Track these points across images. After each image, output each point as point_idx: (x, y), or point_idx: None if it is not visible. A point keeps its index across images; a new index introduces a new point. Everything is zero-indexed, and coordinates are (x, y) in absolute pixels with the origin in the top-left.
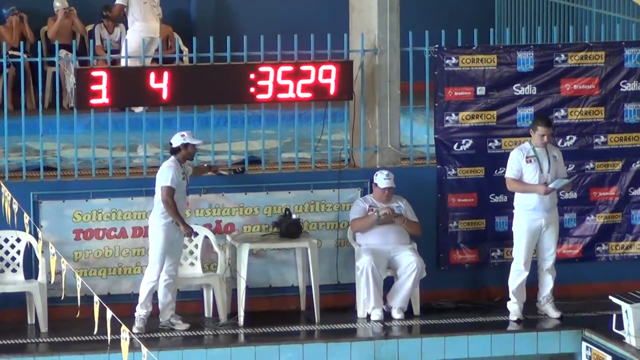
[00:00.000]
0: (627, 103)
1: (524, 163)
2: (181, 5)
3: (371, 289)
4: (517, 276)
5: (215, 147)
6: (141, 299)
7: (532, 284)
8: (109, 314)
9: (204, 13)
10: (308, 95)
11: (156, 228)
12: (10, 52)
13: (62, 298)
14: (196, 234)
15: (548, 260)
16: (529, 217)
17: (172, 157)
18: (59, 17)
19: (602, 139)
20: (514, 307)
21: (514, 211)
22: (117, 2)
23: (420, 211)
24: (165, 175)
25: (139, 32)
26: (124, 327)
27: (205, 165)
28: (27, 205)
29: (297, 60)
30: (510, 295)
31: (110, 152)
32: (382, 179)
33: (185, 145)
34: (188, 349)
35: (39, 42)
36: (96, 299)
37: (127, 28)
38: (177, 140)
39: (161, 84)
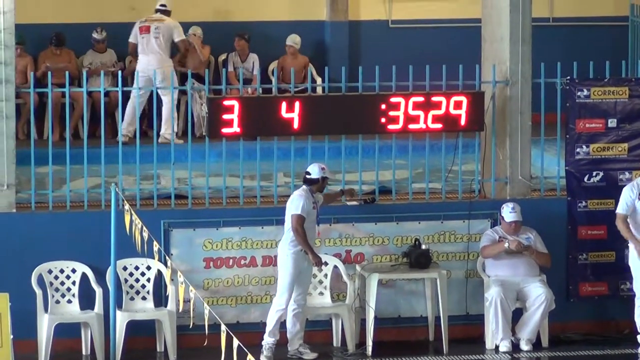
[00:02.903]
0: None
1: (637, 200)
2: (316, 35)
3: (500, 320)
4: None
5: (346, 177)
6: (269, 327)
7: None
8: (236, 342)
9: (338, 43)
10: (439, 126)
11: (285, 256)
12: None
13: (191, 326)
14: (325, 264)
15: None
16: None
17: (304, 187)
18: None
19: None
20: None
21: (629, 245)
22: (129, 39)
23: (550, 243)
24: (296, 203)
25: (137, 66)
26: (250, 356)
27: (337, 191)
28: (157, 233)
29: (428, 91)
30: (639, 330)
31: (241, 181)
32: (507, 212)
33: (325, 178)
34: None
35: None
36: (223, 327)
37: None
38: (316, 173)
39: (292, 114)
